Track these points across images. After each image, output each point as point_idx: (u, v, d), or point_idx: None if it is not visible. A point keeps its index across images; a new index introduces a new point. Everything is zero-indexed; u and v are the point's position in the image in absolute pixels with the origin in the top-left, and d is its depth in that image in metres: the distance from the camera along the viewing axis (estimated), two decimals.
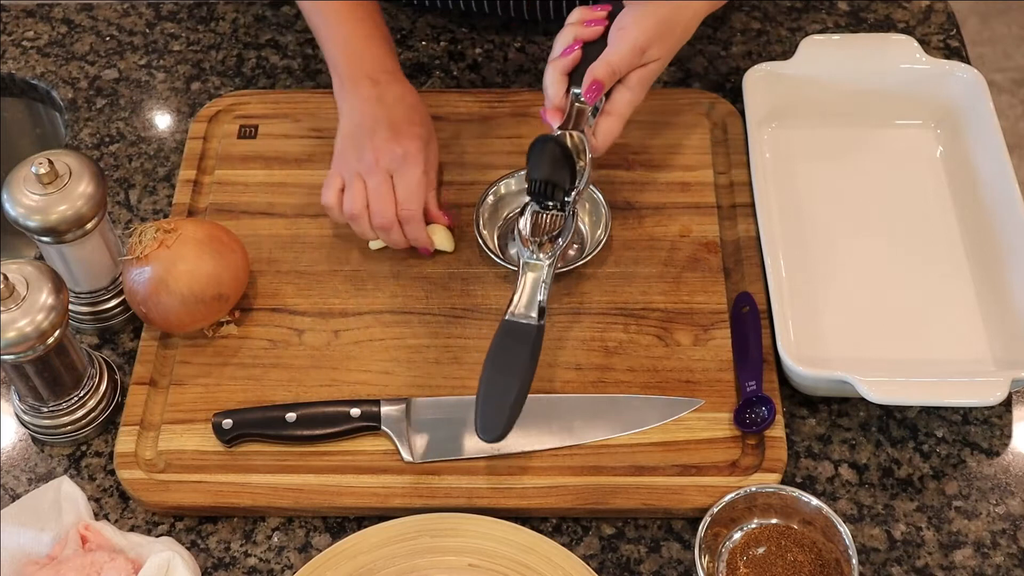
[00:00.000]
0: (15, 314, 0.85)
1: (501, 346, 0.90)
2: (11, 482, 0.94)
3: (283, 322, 1.00)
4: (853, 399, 0.94)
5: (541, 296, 0.92)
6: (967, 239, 1.03)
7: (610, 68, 0.93)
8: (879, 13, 1.21)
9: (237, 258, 0.97)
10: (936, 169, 1.08)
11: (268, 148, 1.11)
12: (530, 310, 0.91)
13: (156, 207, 1.09)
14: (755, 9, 1.22)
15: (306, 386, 0.96)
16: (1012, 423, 0.94)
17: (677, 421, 0.93)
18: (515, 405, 0.87)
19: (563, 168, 0.93)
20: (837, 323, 0.98)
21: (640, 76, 0.95)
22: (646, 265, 1.02)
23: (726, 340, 0.97)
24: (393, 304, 1.00)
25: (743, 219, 1.04)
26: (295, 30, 1.22)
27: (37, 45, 1.22)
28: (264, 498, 0.90)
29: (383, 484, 0.90)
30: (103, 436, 0.96)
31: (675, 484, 0.89)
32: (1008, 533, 0.89)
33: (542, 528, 0.90)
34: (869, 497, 0.91)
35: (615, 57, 0.93)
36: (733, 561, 0.85)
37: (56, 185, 0.91)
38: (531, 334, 0.90)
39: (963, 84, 1.07)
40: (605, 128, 0.95)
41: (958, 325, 0.97)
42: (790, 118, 1.10)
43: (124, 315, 1.01)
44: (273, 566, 0.89)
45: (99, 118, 1.16)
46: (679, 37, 0.97)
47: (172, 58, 1.21)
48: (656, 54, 0.95)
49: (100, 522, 0.87)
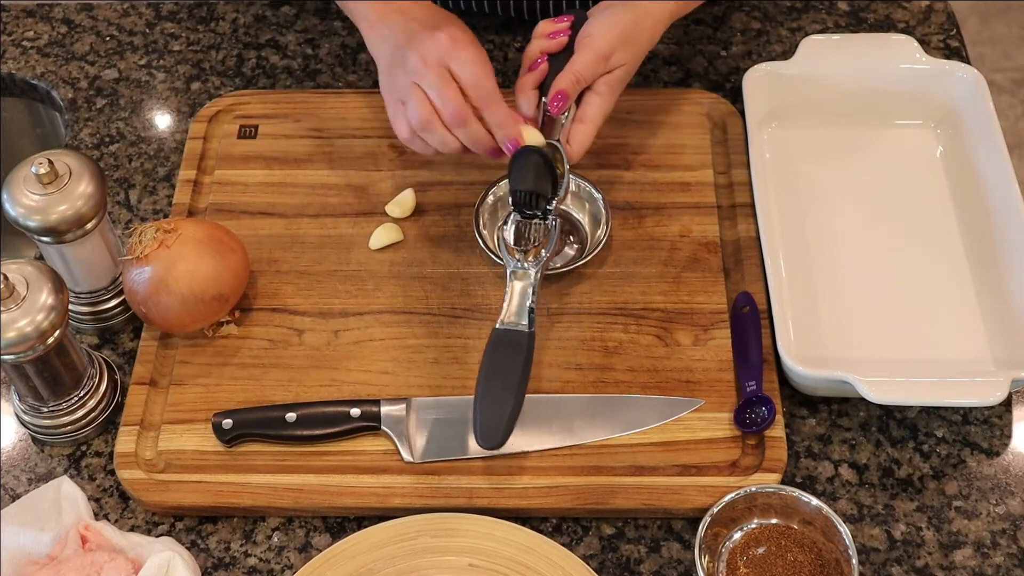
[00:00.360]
0: (15, 314, 0.85)
1: (494, 355, 0.90)
2: (11, 482, 0.94)
3: (283, 322, 1.00)
4: (853, 399, 0.94)
5: (530, 302, 0.92)
6: (967, 239, 1.03)
7: (574, 77, 0.94)
8: (879, 13, 1.21)
9: (237, 258, 0.97)
10: (936, 169, 1.08)
11: (268, 148, 1.11)
12: (520, 318, 0.92)
13: (156, 207, 1.09)
14: (755, 9, 1.22)
15: (306, 386, 0.96)
16: (1012, 423, 0.95)
17: (677, 421, 0.93)
18: (512, 412, 0.87)
19: (545, 178, 0.94)
20: (837, 323, 0.98)
21: (608, 82, 0.96)
22: (646, 265, 1.02)
23: (726, 340, 0.97)
24: (393, 304, 1.00)
25: (743, 219, 1.04)
26: (295, 30, 1.22)
27: (37, 45, 1.22)
28: (264, 498, 0.90)
29: (383, 484, 0.90)
30: (103, 436, 0.96)
31: (675, 484, 0.89)
32: (1008, 533, 0.89)
33: (542, 528, 0.90)
34: (869, 497, 0.91)
35: (579, 66, 0.94)
36: (733, 561, 0.85)
37: (56, 185, 0.91)
38: (523, 342, 0.90)
39: (963, 84, 1.07)
40: (578, 135, 0.96)
41: (958, 325, 0.97)
42: (790, 118, 1.10)
43: (124, 315, 1.01)
44: (273, 566, 0.89)
45: (99, 118, 1.16)
46: (644, 42, 0.98)
47: (172, 58, 1.21)
48: (621, 59, 0.96)
49: (100, 522, 0.87)
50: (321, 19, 1.23)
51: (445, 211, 1.06)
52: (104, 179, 0.94)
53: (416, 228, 1.05)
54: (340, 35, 1.22)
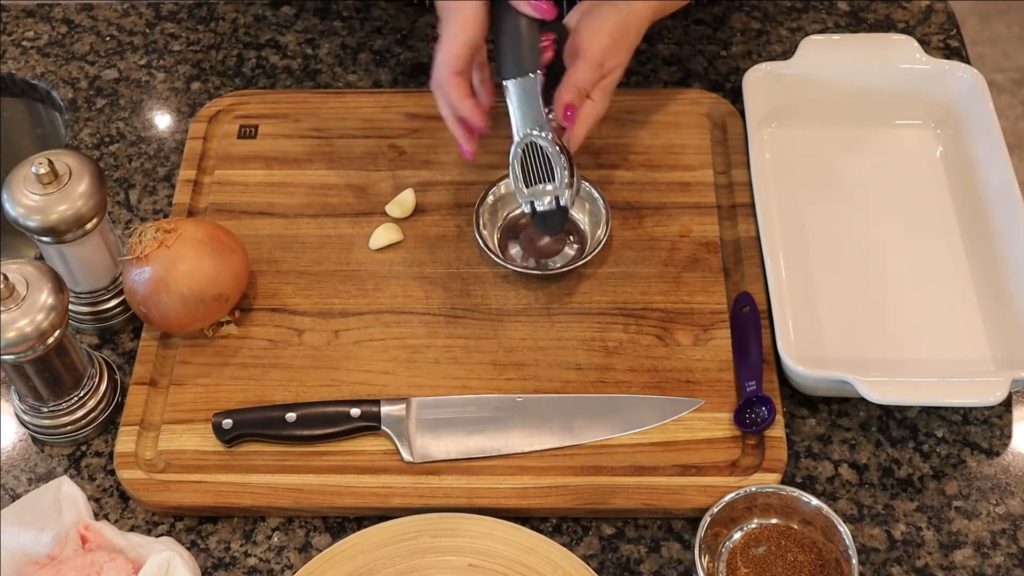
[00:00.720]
0: (15, 314, 0.85)
1: None
2: (11, 482, 0.94)
3: (283, 322, 1.00)
4: (853, 399, 0.94)
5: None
6: (967, 239, 1.03)
7: (577, 89, 0.95)
8: (879, 13, 1.21)
9: (237, 258, 0.97)
10: (936, 169, 1.08)
11: (268, 148, 1.11)
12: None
13: (156, 207, 1.09)
14: (755, 9, 1.22)
15: (306, 386, 0.96)
16: (1012, 423, 0.95)
17: (677, 421, 0.93)
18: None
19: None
20: (837, 323, 0.98)
21: (602, 87, 0.97)
22: (646, 265, 1.02)
23: (726, 340, 0.97)
24: (393, 304, 1.00)
25: (743, 219, 1.04)
26: (295, 30, 1.22)
27: (37, 45, 1.22)
28: (264, 498, 0.90)
29: (383, 484, 0.90)
30: (103, 436, 0.96)
31: (675, 484, 0.89)
32: (1008, 533, 0.89)
33: (542, 528, 0.90)
34: (869, 497, 0.91)
35: (579, 77, 0.95)
36: (733, 561, 0.85)
37: (56, 185, 0.91)
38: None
39: (963, 84, 1.07)
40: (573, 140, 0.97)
41: (958, 325, 0.98)
42: (790, 118, 1.10)
43: (124, 315, 1.01)
44: (273, 566, 0.89)
45: (99, 118, 1.16)
46: (632, 43, 0.99)
47: (172, 58, 1.21)
48: (613, 64, 0.97)
49: (100, 522, 0.87)
50: (321, 19, 1.23)
51: (445, 211, 1.06)
52: (104, 179, 0.94)
53: (416, 228, 1.05)
54: (340, 35, 1.22)
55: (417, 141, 1.11)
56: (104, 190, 0.93)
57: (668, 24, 1.20)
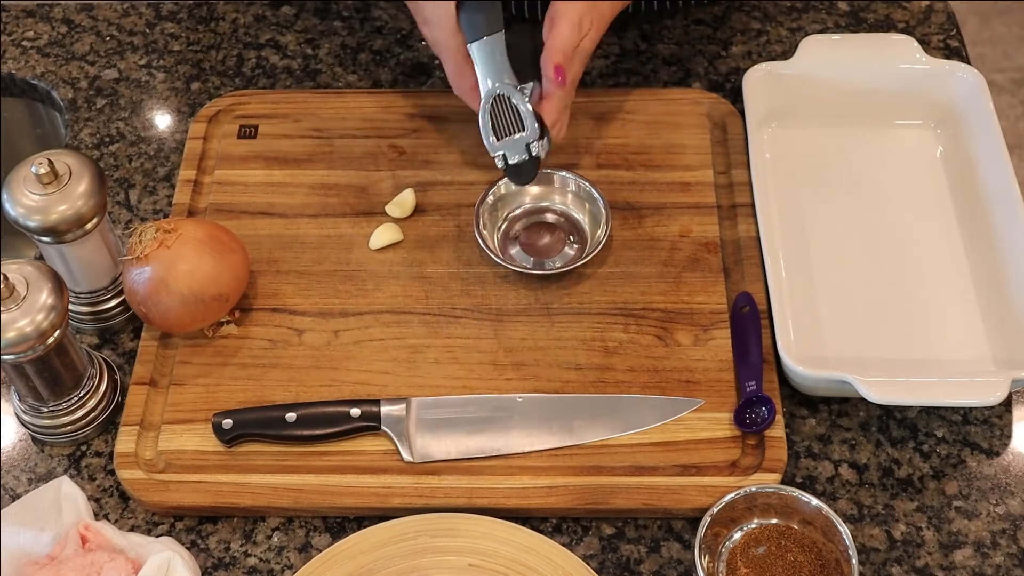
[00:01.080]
0: (15, 314, 0.85)
1: None
2: (11, 482, 0.94)
3: (283, 322, 1.00)
4: (853, 399, 0.94)
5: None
6: (967, 239, 1.03)
7: (562, 51, 0.97)
8: (879, 13, 1.21)
9: (237, 258, 0.97)
10: (936, 169, 1.08)
11: (268, 148, 1.11)
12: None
13: (156, 207, 1.09)
14: (755, 9, 1.22)
15: (306, 386, 0.96)
16: (1012, 423, 0.95)
17: (677, 421, 0.93)
18: None
19: None
20: (837, 323, 0.98)
21: (579, 50, 0.98)
22: (646, 265, 1.02)
23: (726, 340, 0.97)
24: (393, 304, 1.00)
25: (743, 219, 1.04)
26: (295, 30, 1.22)
27: (37, 45, 1.22)
28: (264, 498, 0.90)
29: (383, 484, 0.90)
30: (103, 436, 0.96)
31: (675, 484, 0.89)
32: (1008, 533, 0.89)
33: (542, 528, 0.90)
34: (869, 497, 0.91)
35: (562, 38, 0.97)
36: (733, 561, 0.85)
37: (56, 185, 0.91)
38: None
39: (963, 84, 1.07)
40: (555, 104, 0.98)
41: (958, 325, 0.98)
42: (790, 118, 1.10)
43: (124, 315, 1.01)
44: (273, 566, 0.89)
45: (99, 118, 1.16)
46: (607, 8, 1.00)
47: (172, 58, 1.21)
48: (588, 24, 0.98)
49: (100, 522, 0.87)
50: (321, 19, 1.23)
51: (445, 211, 1.06)
52: (104, 179, 0.94)
53: (416, 228, 1.05)
54: (340, 35, 1.22)
55: (417, 141, 1.11)
56: (104, 190, 0.93)
57: (668, 24, 1.20)
